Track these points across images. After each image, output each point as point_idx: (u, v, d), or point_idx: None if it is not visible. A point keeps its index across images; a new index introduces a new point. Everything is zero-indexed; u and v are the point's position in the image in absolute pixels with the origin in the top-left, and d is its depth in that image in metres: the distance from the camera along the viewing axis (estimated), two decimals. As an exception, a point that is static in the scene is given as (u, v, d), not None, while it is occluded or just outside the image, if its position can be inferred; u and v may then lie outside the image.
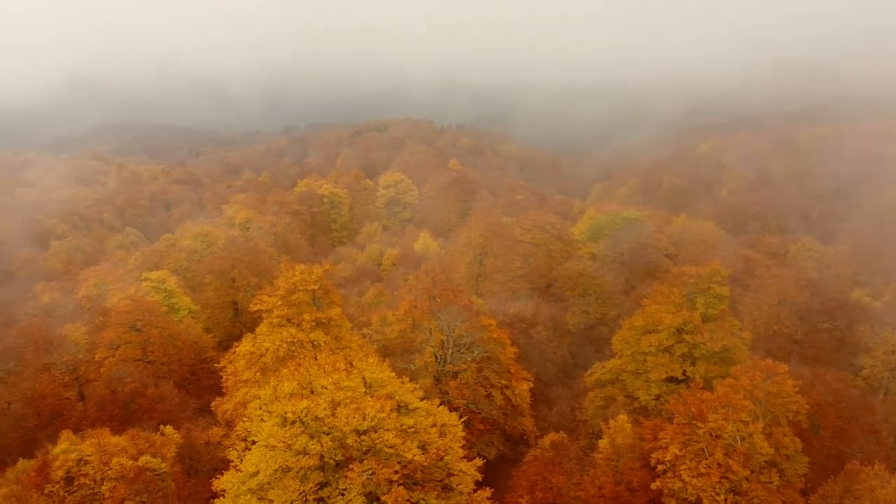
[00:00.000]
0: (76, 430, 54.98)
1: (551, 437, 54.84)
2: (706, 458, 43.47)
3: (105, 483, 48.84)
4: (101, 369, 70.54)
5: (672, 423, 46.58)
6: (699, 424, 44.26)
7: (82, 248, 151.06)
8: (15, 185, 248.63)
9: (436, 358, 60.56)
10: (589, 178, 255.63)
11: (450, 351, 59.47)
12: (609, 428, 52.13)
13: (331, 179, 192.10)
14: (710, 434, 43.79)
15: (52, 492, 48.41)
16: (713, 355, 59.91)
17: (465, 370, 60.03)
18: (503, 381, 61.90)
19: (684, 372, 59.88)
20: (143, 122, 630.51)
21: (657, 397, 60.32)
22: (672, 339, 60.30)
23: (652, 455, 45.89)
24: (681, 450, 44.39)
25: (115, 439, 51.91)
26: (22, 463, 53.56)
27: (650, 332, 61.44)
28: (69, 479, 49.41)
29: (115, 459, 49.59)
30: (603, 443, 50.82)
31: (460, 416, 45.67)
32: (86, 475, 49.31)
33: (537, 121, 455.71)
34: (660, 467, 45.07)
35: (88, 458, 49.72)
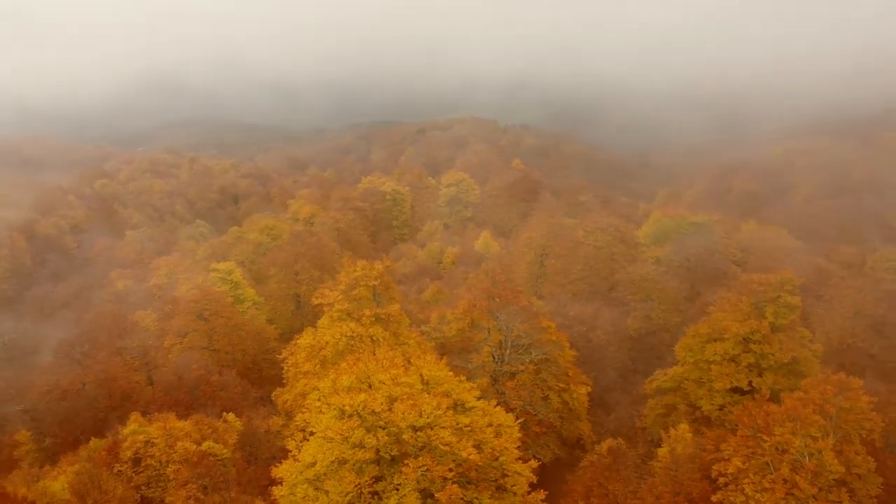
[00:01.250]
0: (144, 413, 57.12)
1: (609, 443, 53.94)
2: (771, 473, 41.81)
3: (170, 465, 50.59)
4: (169, 356, 73.04)
5: (735, 435, 44.94)
6: (765, 438, 42.58)
7: (155, 238, 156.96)
8: (95, 176, 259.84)
9: (493, 358, 60.31)
10: (655, 180, 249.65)
11: (508, 351, 59.13)
12: (669, 437, 50.84)
13: (394, 177, 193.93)
14: (777, 448, 42.08)
15: (121, 471, 50.40)
16: (782, 367, 57.67)
17: (522, 371, 59.56)
18: (561, 384, 61.16)
19: (750, 383, 57.85)
20: (216, 118, 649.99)
21: (720, 408, 58.43)
22: (738, 349, 58.33)
23: (713, 467, 44.41)
24: (744, 463, 42.79)
25: (181, 424, 53.64)
26: (94, 442, 55.85)
27: (715, 341, 59.61)
28: (137, 460, 51.36)
29: (179, 443, 51.28)
30: (662, 451, 49.59)
31: (516, 418, 45.29)
32: (152, 457, 51.20)
33: (604, 121, 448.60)
34: (721, 480, 43.55)
35: (155, 440, 51.58)
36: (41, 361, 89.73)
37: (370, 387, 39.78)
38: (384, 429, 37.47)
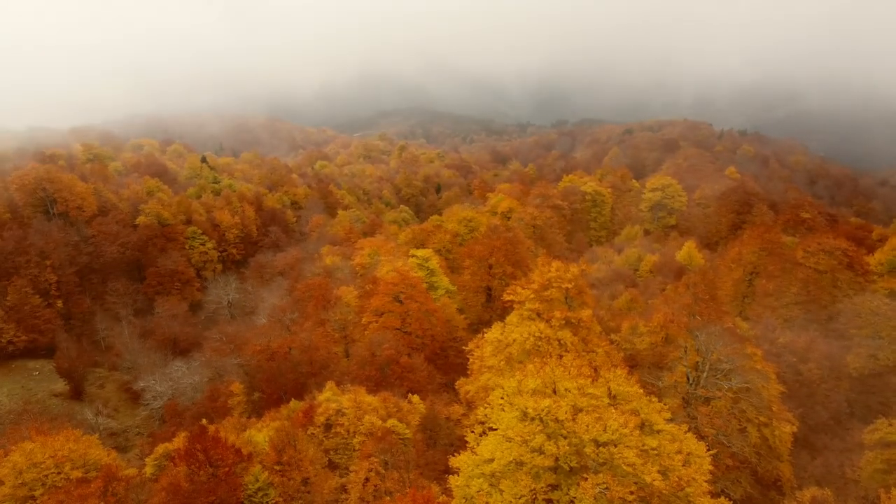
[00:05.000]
0: (338, 383, 60.84)
1: (812, 491, 48.29)
2: None
3: (356, 436, 53.36)
4: (365, 332, 77.11)
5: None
6: None
7: (362, 219, 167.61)
8: (316, 157, 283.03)
9: (687, 379, 56.38)
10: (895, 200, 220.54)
11: (704, 374, 54.91)
12: (890, 498, 44.21)
13: (596, 177, 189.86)
14: None
15: (314, 434, 54.03)
16: None
17: (718, 398, 55.02)
18: (762, 418, 55.67)
19: None
20: (425, 108, 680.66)
21: (960, 475, 49.89)
22: None
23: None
24: None
25: (369, 399, 56.38)
26: (294, 403, 60.43)
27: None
28: (328, 426, 54.77)
29: (367, 417, 53.92)
30: (880, 513, 43.26)
31: (708, 447, 41.78)
32: (341, 425, 54.32)
33: (835, 131, 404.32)
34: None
35: (346, 410, 54.66)
36: (257, 322, 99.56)
37: (555, 392, 38.74)
38: (566, 438, 36.28)
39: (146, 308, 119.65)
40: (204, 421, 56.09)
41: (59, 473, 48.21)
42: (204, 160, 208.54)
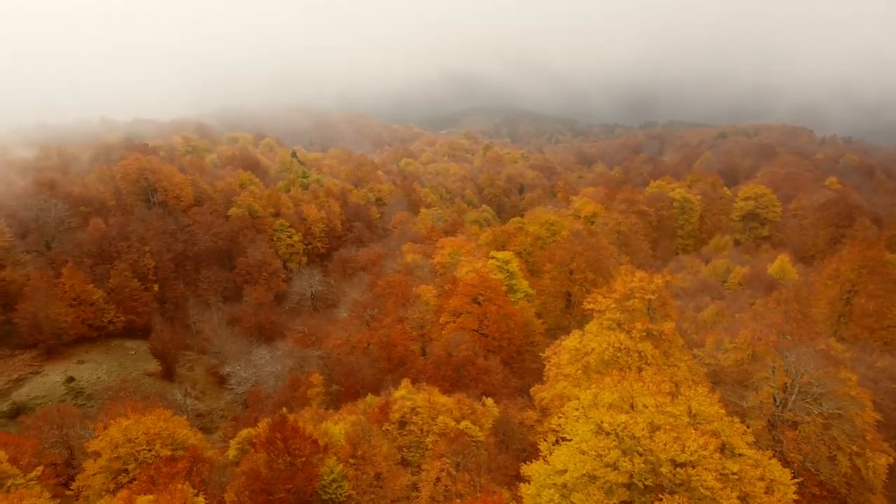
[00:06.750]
0: (414, 381, 61.48)
1: (908, 528, 45.32)
2: None
3: (429, 436, 53.82)
4: (443, 332, 77.60)
5: None
6: None
7: (444, 217, 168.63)
8: (401, 154, 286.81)
9: (774, 400, 53.96)
10: None
11: (793, 397, 52.41)
12: None
13: (685, 183, 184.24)
14: None
15: (388, 430, 54.87)
16: None
17: (807, 423, 52.40)
18: (854, 447, 52.61)
19: None
20: (510, 107, 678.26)
21: None
22: None
23: None
24: None
25: (443, 399, 56.71)
26: (370, 398, 61.55)
27: None
28: (402, 423, 55.48)
29: (440, 417, 54.29)
30: None
31: (793, 475, 39.93)
32: (415, 424, 54.89)
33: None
34: None
35: (420, 409, 55.18)
36: (338, 315, 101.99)
37: (632, 408, 37.96)
38: (641, 455, 35.49)
39: (234, 296, 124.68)
40: (284, 409, 57.97)
41: (150, 450, 50.99)
42: (294, 155, 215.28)
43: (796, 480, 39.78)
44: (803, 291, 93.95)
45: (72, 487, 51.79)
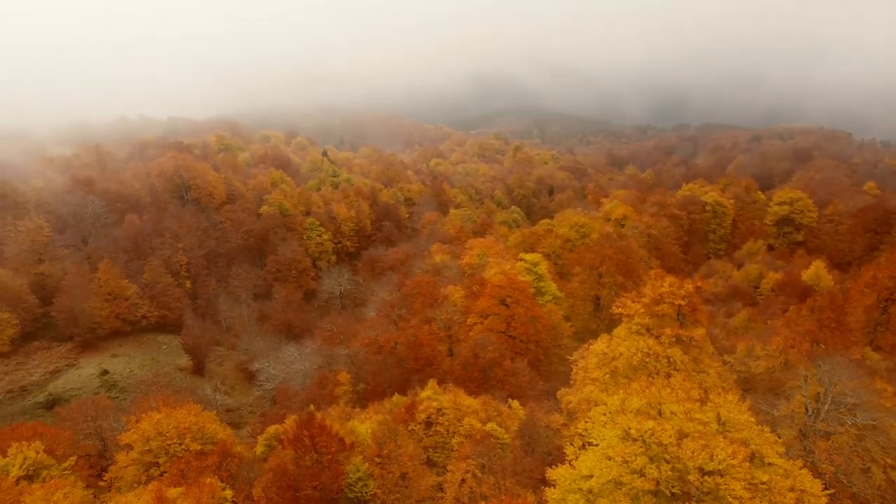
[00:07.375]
0: (440, 382, 61.55)
1: (944, 545, 44.21)
2: None
3: (455, 437, 53.87)
4: (470, 333, 77.62)
5: None
6: None
7: (473, 218, 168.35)
8: (431, 155, 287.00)
9: (806, 410, 52.98)
10: None
11: (826, 407, 51.37)
12: None
13: (718, 186, 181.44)
14: None
15: (414, 430, 55.03)
16: None
17: (840, 433, 51.37)
18: (889, 460, 51.41)
19: None
20: (541, 108, 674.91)
21: None
22: None
23: None
24: None
25: (469, 401, 56.73)
26: (397, 397, 61.79)
27: None
28: (428, 424, 55.60)
29: (466, 419, 54.31)
30: None
31: (825, 486, 39.17)
32: (441, 425, 54.96)
33: None
34: None
35: (446, 410, 55.24)
36: (367, 314, 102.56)
37: (660, 414, 37.61)
38: (668, 463, 35.16)
39: (264, 293, 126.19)
40: (311, 407, 58.46)
41: (180, 444, 51.87)
42: (325, 154, 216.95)
43: (828, 492, 39.03)
44: (838, 299, 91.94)
45: (104, 478, 52.94)
